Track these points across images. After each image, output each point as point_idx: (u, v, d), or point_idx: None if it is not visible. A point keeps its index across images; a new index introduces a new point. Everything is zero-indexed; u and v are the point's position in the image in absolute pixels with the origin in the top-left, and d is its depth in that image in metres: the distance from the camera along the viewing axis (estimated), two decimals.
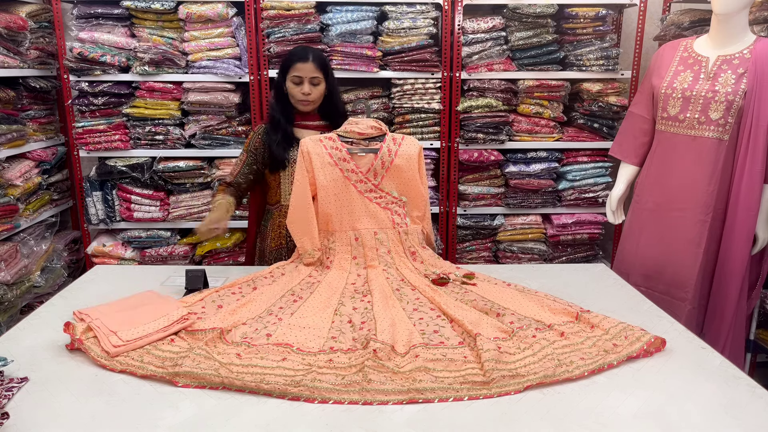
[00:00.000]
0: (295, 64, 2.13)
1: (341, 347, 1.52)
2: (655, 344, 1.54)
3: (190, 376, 1.38)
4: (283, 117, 2.21)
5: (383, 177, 2.05)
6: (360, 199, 2.04)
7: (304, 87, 2.14)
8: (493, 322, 1.65)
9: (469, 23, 3.03)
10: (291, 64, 2.15)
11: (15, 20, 2.80)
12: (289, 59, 2.17)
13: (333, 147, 2.00)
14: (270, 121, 2.24)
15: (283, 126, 2.20)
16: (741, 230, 2.16)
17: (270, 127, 2.23)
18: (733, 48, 2.15)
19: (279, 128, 2.20)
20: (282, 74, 2.19)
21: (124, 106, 3.04)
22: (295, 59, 2.14)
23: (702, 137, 2.19)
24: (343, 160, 2.01)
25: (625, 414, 1.27)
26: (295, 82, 2.14)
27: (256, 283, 1.98)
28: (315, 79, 2.15)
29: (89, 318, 1.59)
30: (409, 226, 2.10)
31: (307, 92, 2.14)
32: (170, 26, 3.01)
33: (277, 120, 2.21)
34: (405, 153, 2.06)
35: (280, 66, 2.20)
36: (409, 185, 2.09)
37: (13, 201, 2.79)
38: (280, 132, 2.20)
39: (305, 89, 2.14)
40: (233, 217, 3.16)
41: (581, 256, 3.32)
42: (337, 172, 2.01)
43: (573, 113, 3.21)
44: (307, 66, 2.12)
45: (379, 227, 2.06)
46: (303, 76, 2.13)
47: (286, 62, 2.17)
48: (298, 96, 2.16)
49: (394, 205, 2.09)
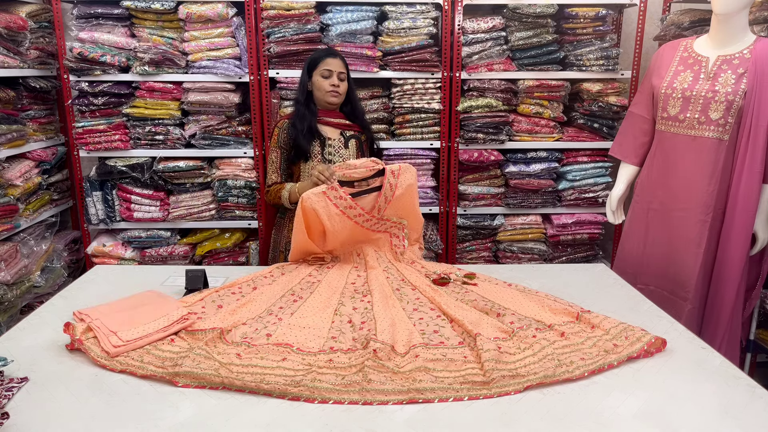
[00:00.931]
0: (325, 59, 2.30)
1: (341, 347, 1.52)
2: (655, 344, 1.54)
3: (190, 376, 1.38)
4: (308, 111, 2.32)
5: (386, 209, 2.13)
6: (363, 231, 2.13)
7: (333, 79, 2.29)
8: (493, 322, 1.65)
9: (469, 23, 3.03)
10: (320, 60, 2.30)
11: (15, 20, 2.80)
12: (318, 56, 2.33)
13: (337, 197, 2.03)
14: (296, 114, 2.33)
15: (308, 119, 2.30)
16: (740, 230, 2.16)
17: (296, 119, 2.31)
18: (733, 48, 2.15)
19: (305, 120, 2.29)
20: (308, 72, 2.32)
21: (124, 106, 3.04)
22: (324, 55, 2.32)
23: (702, 137, 2.19)
24: (349, 208, 2.05)
25: (625, 414, 1.27)
26: (324, 75, 2.28)
27: (256, 283, 1.98)
28: (342, 74, 2.32)
29: (89, 318, 1.59)
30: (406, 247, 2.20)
31: (336, 84, 2.29)
32: (170, 26, 3.01)
33: (302, 113, 2.31)
34: (404, 182, 2.13)
35: (306, 65, 2.34)
36: (408, 209, 2.19)
37: (13, 201, 2.79)
38: (305, 124, 2.29)
39: (334, 81, 2.30)
40: (233, 217, 3.20)
41: (581, 256, 3.32)
42: (345, 220, 2.06)
43: (573, 113, 3.21)
44: (336, 61, 2.31)
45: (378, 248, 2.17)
46: (333, 69, 2.29)
47: (314, 60, 2.32)
48: (327, 88, 2.29)
49: (393, 228, 2.19)
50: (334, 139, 2.34)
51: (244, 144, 3.12)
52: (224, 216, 3.20)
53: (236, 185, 3.13)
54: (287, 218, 2.39)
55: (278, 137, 2.35)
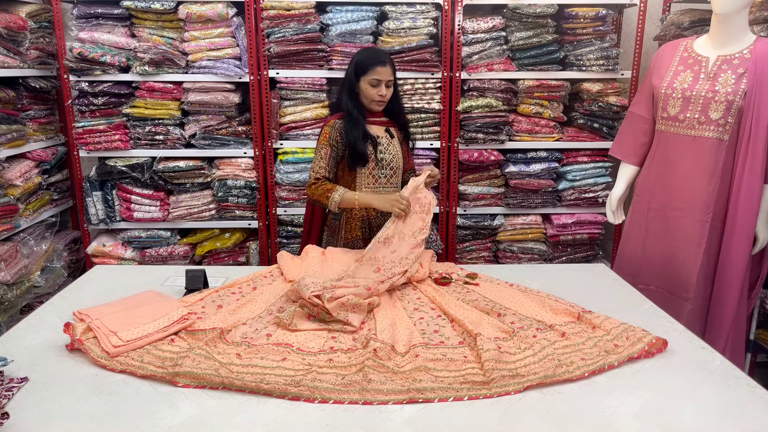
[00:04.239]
0: (375, 68, 2.18)
1: (341, 347, 1.52)
2: (656, 345, 1.54)
3: (190, 376, 1.38)
4: (360, 115, 2.24)
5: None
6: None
7: (381, 89, 2.20)
8: (493, 322, 1.65)
9: (469, 23, 3.03)
10: (370, 67, 2.18)
11: (15, 20, 2.80)
12: (368, 61, 2.20)
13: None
14: (348, 118, 2.24)
15: (363, 123, 2.23)
16: (741, 230, 2.16)
17: (349, 124, 2.23)
18: (733, 48, 2.15)
19: (359, 125, 2.22)
20: (356, 74, 2.22)
21: (124, 106, 3.04)
22: (376, 62, 2.18)
23: (702, 137, 2.19)
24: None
25: (625, 414, 1.27)
26: (372, 84, 2.19)
27: (255, 283, 1.98)
28: (390, 82, 2.22)
29: (89, 318, 1.59)
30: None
31: (383, 94, 2.21)
32: (170, 26, 3.01)
33: (355, 117, 2.23)
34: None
35: (355, 65, 2.23)
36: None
37: (13, 201, 2.79)
38: (360, 129, 2.22)
39: (382, 91, 2.20)
40: (233, 217, 3.20)
41: (581, 256, 3.32)
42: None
43: (573, 113, 3.21)
44: (386, 70, 2.18)
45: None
46: (381, 79, 2.18)
47: (364, 63, 2.20)
48: (375, 97, 2.21)
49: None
50: (382, 137, 2.28)
51: (244, 144, 3.12)
52: (224, 216, 3.20)
53: (236, 185, 3.13)
54: (344, 220, 2.30)
55: (330, 136, 2.23)
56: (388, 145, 2.29)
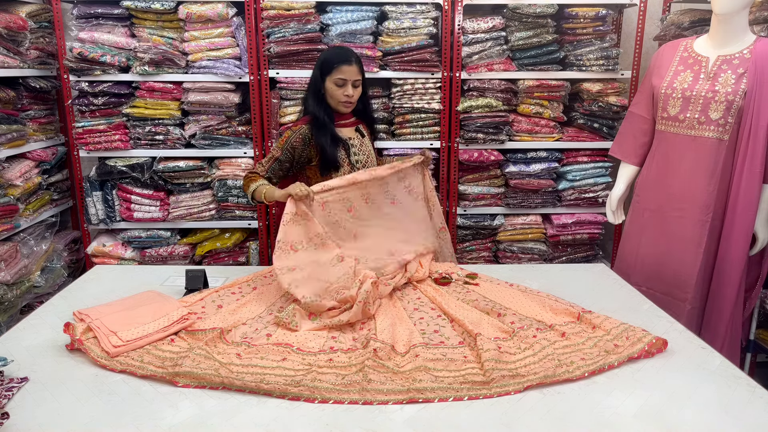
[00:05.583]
0: (340, 66, 2.09)
1: (341, 347, 1.52)
2: (656, 345, 1.54)
3: (190, 376, 1.38)
4: (327, 118, 2.15)
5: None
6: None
7: (348, 89, 2.11)
8: (493, 322, 1.65)
9: (469, 23, 3.03)
10: (335, 66, 2.09)
11: (15, 20, 2.80)
12: (332, 60, 2.11)
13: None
14: (314, 123, 2.15)
15: (330, 127, 2.14)
16: (740, 230, 2.16)
17: (316, 129, 2.14)
18: (733, 48, 2.15)
19: (327, 130, 2.13)
20: (321, 74, 2.13)
21: (124, 106, 3.04)
22: (340, 61, 2.09)
23: (702, 137, 2.19)
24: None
25: (625, 414, 1.27)
26: (338, 84, 2.10)
27: (255, 283, 1.99)
28: (357, 81, 2.13)
29: (89, 318, 1.59)
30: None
31: (350, 94, 2.12)
32: (170, 26, 3.01)
33: (322, 122, 2.14)
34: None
35: (320, 66, 2.14)
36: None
37: (13, 201, 2.79)
38: (328, 134, 2.13)
39: (348, 92, 2.11)
40: (233, 217, 3.20)
41: (581, 256, 3.32)
42: None
43: (573, 113, 3.21)
44: (352, 69, 2.10)
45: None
46: (347, 78, 2.09)
47: (328, 63, 2.12)
48: (341, 98, 2.12)
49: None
50: (353, 138, 2.22)
51: (244, 144, 3.12)
52: (224, 216, 3.20)
53: (236, 185, 3.13)
54: None
55: (287, 140, 2.13)
56: (361, 145, 2.22)
